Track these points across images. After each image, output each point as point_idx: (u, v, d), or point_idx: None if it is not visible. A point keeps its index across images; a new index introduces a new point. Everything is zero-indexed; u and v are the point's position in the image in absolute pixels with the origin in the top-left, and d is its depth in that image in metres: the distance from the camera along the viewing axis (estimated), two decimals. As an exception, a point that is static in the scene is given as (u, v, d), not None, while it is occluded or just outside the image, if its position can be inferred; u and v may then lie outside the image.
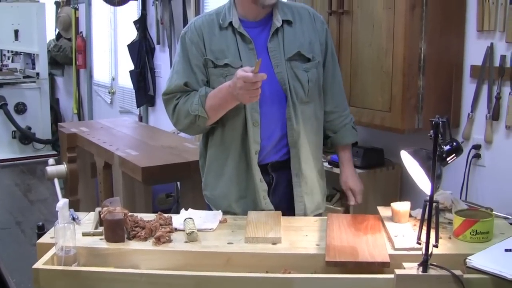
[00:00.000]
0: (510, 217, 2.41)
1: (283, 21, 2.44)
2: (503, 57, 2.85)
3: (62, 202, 2.03)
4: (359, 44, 3.06)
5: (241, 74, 2.15)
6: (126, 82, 6.99)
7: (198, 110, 2.37)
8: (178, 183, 4.45)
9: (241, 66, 2.35)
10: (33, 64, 8.83)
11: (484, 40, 2.94)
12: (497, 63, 2.88)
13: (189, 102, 2.40)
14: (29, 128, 8.28)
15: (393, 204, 2.31)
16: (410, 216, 2.33)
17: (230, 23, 2.43)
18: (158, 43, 6.21)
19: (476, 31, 2.96)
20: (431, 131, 1.88)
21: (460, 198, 2.93)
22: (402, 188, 3.33)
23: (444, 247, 2.04)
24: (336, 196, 3.30)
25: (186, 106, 2.41)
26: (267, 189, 2.47)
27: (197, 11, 5.33)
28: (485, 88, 2.95)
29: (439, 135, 1.91)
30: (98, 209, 2.29)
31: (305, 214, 2.51)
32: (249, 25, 2.45)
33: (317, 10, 2.90)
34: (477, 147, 2.99)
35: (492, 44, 2.89)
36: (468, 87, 3.04)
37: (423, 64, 2.88)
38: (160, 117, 6.27)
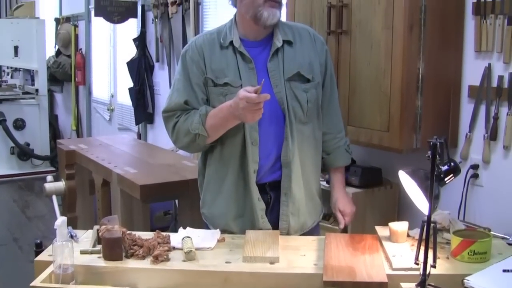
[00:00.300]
0: (508, 237, 2.42)
1: (283, 41, 2.46)
2: (500, 78, 2.86)
3: (61, 220, 2.04)
4: (358, 64, 3.07)
5: (244, 95, 2.16)
6: (125, 99, 7.01)
7: (199, 128, 2.38)
8: (176, 200, 4.45)
9: (241, 86, 2.37)
10: (32, 80, 8.87)
11: (482, 61, 2.95)
12: (494, 83, 2.89)
13: (189, 120, 2.41)
14: (28, 144, 8.29)
15: (391, 224, 2.31)
16: (408, 236, 2.33)
17: (231, 42, 2.44)
18: (158, 60, 6.23)
19: (474, 52, 2.97)
20: (429, 152, 1.88)
21: (458, 218, 2.93)
22: (400, 207, 3.33)
23: (442, 267, 2.05)
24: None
25: (186, 124, 2.42)
26: (265, 208, 2.47)
27: (196, 29, 5.35)
28: (483, 108, 2.96)
29: (437, 156, 1.92)
30: (96, 227, 2.29)
31: (288, 234, 2.50)
32: (250, 44, 2.46)
33: (316, 29, 2.91)
34: (475, 167, 2.99)
35: (489, 64, 2.91)
36: (466, 107, 3.05)
37: (421, 84, 2.89)
38: (159, 135, 6.27)
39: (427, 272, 1.83)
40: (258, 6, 2.37)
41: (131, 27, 6.77)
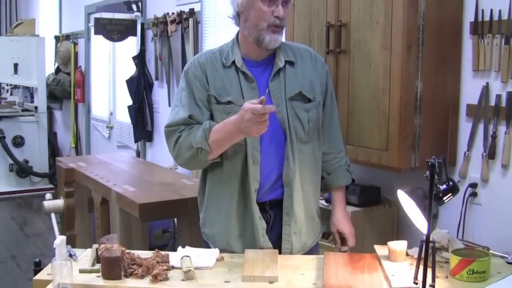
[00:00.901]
0: (507, 256, 2.42)
1: (285, 61, 2.48)
2: (498, 97, 2.88)
3: (60, 239, 2.04)
4: (356, 83, 3.08)
5: (249, 106, 2.17)
6: (124, 117, 7.02)
7: (201, 143, 2.36)
8: (175, 219, 4.44)
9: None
10: (32, 97, 8.89)
11: (479, 80, 2.97)
12: (492, 102, 2.91)
13: (192, 135, 2.40)
14: (27, 162, 8.30)
15: (390, 243, 2.31)
16: (407, 255, 2.33)
17: (233, 62, 2.46)
18: (157, 78, 6.24)
19: (471, 71, 2.99)
20: (428, 172, 1.89)
21: (457, 236, 2.93)
22: (399, 226, 3.33)
23: (441, 286, 2.05)
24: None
25: (189, 139, 2.40)
26: (266, 226, 2.47)
27: (196, 48, 5.37)
28: (481, 127, 2.97)
29: (435, 175, 1.93)
30: (95, 246, 2.29)
31: (290, 253, 2.51)
32: (252, 64, 2.48)
33: (315, 49, 2.92)
34: (473, 185, 3.00)
35: (487, 83, 2.92)
36: (464, 126, 3.06)
37: (419, 103, 2.90)
38: (158, 153, 6.28)
39: (426, 292, 1.84)
40: (261, 30, 2.38)
41: (131, 45, 6.79)
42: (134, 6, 6.52)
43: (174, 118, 2.47)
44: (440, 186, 2.09)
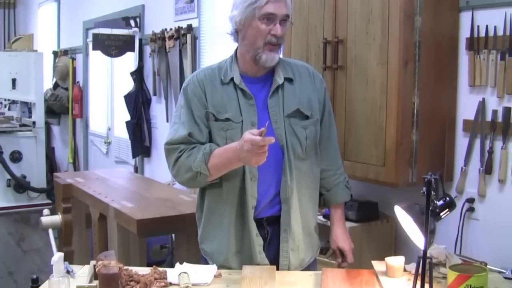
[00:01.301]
0: (504, 271, 2.42)
1: (284, 78, 2.49)
2: (495, 112, 2.89)
3: (57, 256, 2.04)
4: (353, 99, 3.10)
5: (249, 137, 2.18)
6: (122, 132, 7.02)
7: (201, 167, 2.38)
8: (173, 234, 4.44)
9: (242, 122, 2.40)
10: (30, 112, 8.89)
11: (476, 95, 2.98)
12: (489, 117, 2.92)
13: (192, 157, 2.41)
14: (24, 177, 8.29)
15: (388, 259, 2.32)
16: (405, 270, 2.34)
17: (232, 79, 2.47)
18: (155, 94, 6.25)
19: (468, 86, 3.00)
20: (424, 188, 1.90)
21: (455, 252, 2.93)
22: (396, 241, 3.33)
23: (439, 302, 2.05)
24: (330, 250, 3.29)
25: (188, 161, 2.41)
26: (263, 243, 2.47)
27: (194, 63, 5.38)
28: (477, 142, 2.98)
29: (432, 191, 1.93)
30: (93, 262, 2.29)
31: (288, 269, 2.50)
32: (250, 80, 2.49)
33: (312, 64, 2.93)
34: (470, 200, 3.00)
35: (484, 99, 2.94)
36: (461, 141, 3.07)
37: (416, 119, 2.91)
38: (156, 168, 6.28)
39: (424, 308, 1.84)
40: (258, 48, 2.39)
41: (129, 60, 6.80)
42: (132, 22, 6.54)
43: (174, 135, 2.48)
44: (437, 202, 2.10)
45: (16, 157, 8.28)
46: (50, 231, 4.71)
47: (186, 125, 2.47)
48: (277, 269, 2.45)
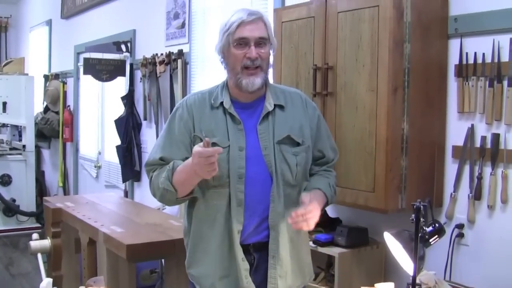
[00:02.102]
0: (493, 297, 2.43)
1: (275, 105, 2.50)
2: (483, 138, 2.91)
3: (46, 282, 2.03)
4: (343, 125, 3.11)
5: (195, 150, 2.21)
6: (112, 156, 7.01)
7: (165, 183, 2.41)
8: (163, 259, 4.42)
9: (229, 146, 2.40)
10: (20, 136, 8.87)
11: (465, 122, 3.00)
12: (478, 143, 2.94)
13: (160, 175, 2.46)
14: (14, 200, 8.25)
15: (377, 285, 2.32)
16: (394, 297, 2.34)
17: (221, 103, 2.48)
18: (145, 119, 6.26)
19: (457, 113, 3.03)
20: (413, 215, 1.91)
21: (444, 277, 2.94)
22: (386, 267, 3.33)
23: (428, 329, 2.05)
24: (320, 275, 3.29)
25: (157, 179, 2.47)
26: (249, 268, 2.47)
27: (184, 88, 5.40)
28: (467, 168, 3.00)
29: (421, 218, 1.94)
30: (82, 287, 2.29)
31: None
32: (241, 106, 2.50)
33: (302, 91, 2.94)
34: (460, 226, 3.01)
35: (472, 125, 2.96)
36: (450, 167, 3.09)
37: (405, 145, 2.92)
38: (146, 193, 6.26)
39: (413, 335, 1.84)
40: (237, 73, 2.42)
41: (120, 85, 6.82)
42: (123, 47, 6.56)
43: (150, 157, 2.56)
44: (426, 228, 2.11)
45: (6, 180, 8.25)
46: (39, 256, 4.68)
47: (162, 148, 2.53)
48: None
